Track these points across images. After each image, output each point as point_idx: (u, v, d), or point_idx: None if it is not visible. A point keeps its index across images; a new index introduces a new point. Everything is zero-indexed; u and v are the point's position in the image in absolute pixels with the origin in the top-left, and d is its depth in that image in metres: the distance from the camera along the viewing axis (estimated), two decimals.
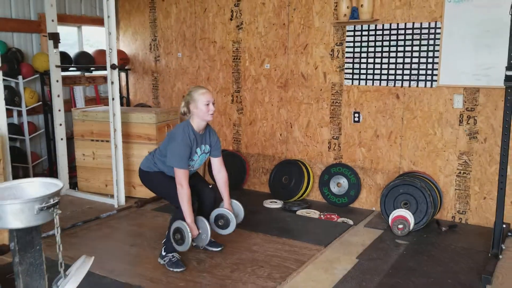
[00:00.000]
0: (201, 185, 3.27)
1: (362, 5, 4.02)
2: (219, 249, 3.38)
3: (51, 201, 1.63)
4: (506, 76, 3.06)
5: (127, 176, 4.55)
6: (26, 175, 4.87)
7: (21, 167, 4.84)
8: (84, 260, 1.75)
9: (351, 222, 4.02)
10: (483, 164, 3.83)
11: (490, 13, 3.61)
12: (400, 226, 3.73)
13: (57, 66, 4.69)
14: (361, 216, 4.20)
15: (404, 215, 3.76)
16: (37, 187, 1.78)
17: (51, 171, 5.07)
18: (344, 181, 4.41)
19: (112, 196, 4.45)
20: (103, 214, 4.11)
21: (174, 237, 3.01)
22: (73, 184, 4.95)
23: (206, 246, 3.37)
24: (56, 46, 4.66)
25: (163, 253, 3.13)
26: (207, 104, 3.00)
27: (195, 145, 3.06)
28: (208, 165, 5.03)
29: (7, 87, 4.56)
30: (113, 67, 4.27)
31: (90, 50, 5.53)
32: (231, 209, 3.30)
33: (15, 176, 4.31)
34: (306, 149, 4.64)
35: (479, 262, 3.22)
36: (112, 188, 4.46)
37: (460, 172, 3.94)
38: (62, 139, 4.80)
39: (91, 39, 6.04)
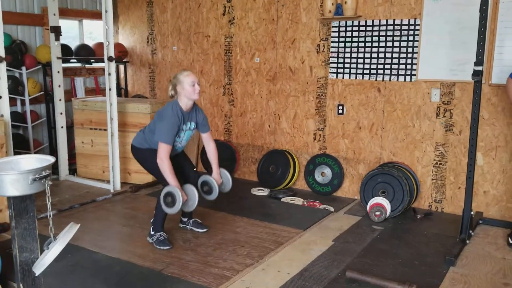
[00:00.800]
0: (187, 169, 3.50)
1: (346, 2, 4.23)
2: (204, 230, 3.62)
3: (43, 173, 1.87)
4: (474, 71, 3.27)
5: (123, 163, 4.80)
6: None
7: (23, 153, 5.09)
8: (71, 226, 1.98)
9: (332, 209, 4.24)
10: (458, 155, 4.04)
11: (466, 11, 3.81)
12: (377, 213, 3.95)
13: (58, 58, 4.94)
14: (343, 203, 4.42)
15: (381, 203, 3.98)
16: (32, 161, 2.02)
17: None
18: (328, 171, 4.64)
19: (108, 181, 4.70)
20: (99, 197, 4.36)
21: (165, 200, 3.20)
22: (73, 170, 5.20)
23: (192, 227, 3.62)
24: (57, 39, 4.91)
25: (152, 232, 3.37)
26: (193, 85, 3.25)
27: (182, 122, 3.29)
28: (202, 153, 5.27)
29: (11, 77, 4.81)
30: (110, 59, 4.51)
31: (92, 42, 5.77)
32: (219, 178, 3.53)
33: None
34: (293, 140, 4.86)
35: (448, 246, 3.43)
36: (108, 174, 4.70)
37: (436, 163, 4.15)
38: (62, 127, 5.05)
39: (94, 32, 6.28)
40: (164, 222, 3.37)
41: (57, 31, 4.89)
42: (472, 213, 3.52)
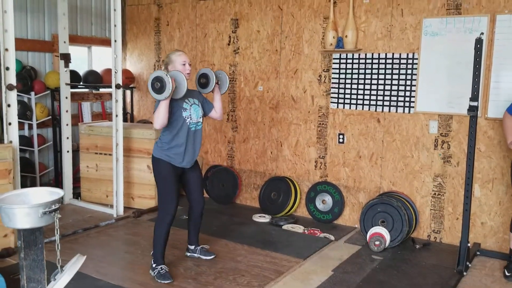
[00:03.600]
0: (195, 195, 3.56)
1: (346, 36, 4.37)
2: (212, 257, 3.66)
3: (53, 207, 1.96)
4: (470, 106, 3.37)
5: (127, 187, 4.89)
6: (33, 184, 5.22)
7: (29, 176, 5.19)
8: (78, 258, 2.06)
9: (332, 237, 4.29)
10: (456, 187, 4.11)
11: (462, 47, 3.93)
12: (377, 243, 4.00)
13: (67, 84, 5.08)
14: (343, 232, 4.47)
15: (380, 232, 4.04)
16: (41, 194, 2.11)
17: (57, 181, 5.42)
18: (328, 199, 4.70)
19: (111, 206, 4.78)
20: (102, 222, 4.44)
21: (154, 86, 3.13)
22: (77, 194, 5.28)
23: (200, 255, 3.66)
24: (66, 66, 5.06)
25: (153, 265, 3.39)
26: (184, 64, 3.33)
27: (178, 100, 3.30)
28: None
29: (20, 102, 4.94)
30: (117, 86, 4.64)
31: (100, 67, 5.93)
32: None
33: (23, 185, 4.64)
34: (295, 167, 4.95)
35: (445, 278, 3.48)
36: (112, 198, 4.79)
37: (435, 194, 4.22)
38: (68, 151, 5.16)
39: (103, 58, 6.43)
40: (164, 253, 3.39)
41: (66, 58, 5.05)
42: (469, 244, 3.57)
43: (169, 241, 3.44)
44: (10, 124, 3.80)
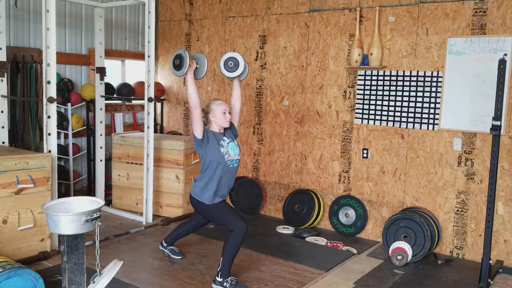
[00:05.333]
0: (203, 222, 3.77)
1: (371, 53, 4.47)
2: (179, 257, 3.92)
3: (94, 215, 2.14)
4: (493, 125, 3.42)
5: (156, 196, 5.08)
6: (67, 191, 5.48)
7: (63, 183, 5.46)
8: (115, 263, 2.23)
9: (354, 251, 4.37)
10: (479, 204, 4.13)
11: (486, 66, 3.98)
12: (399, 257, 4.06)
13: (101, 96, 5.34)
14: (366, 246, 4.54)
15: (403, 247, 4.09)
16: (84, 203, 2.29)
17: (89, 189, 5.67)
18: (352, 212, 4.78)
19: (141, 214, 4.97)
20: (132, 229, 4.63)
21: (174, 63, 3.50)
22: (108, 201, 5.51)
23: (170, 254, 3.93)
24: (102, 79, 5.32)
25: (220, 279, 3.37)
26: (224, 113, 3.50)
27: (215, 138, 3.50)
28: None
29: (58, 113, 5.19)
30: (150, 100, 4.86)
31: (132, 80, 6.19)
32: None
33: (58, 192, 4.88)
34: (319, 180, 5.05)
35: None
36: (141, 206, 4.98)
37: (458, 210, 4.24)
38: (101, 160, 5.41)
39: (136, 71, 6.70)
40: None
41: (102, 72, 5.31)
42: (491, 261, 3.59)
43: (195, 249, 3.58)
44: (49, 134, 4.04)
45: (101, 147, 5.39)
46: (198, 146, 3.53)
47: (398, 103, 4.50)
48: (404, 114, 4.47)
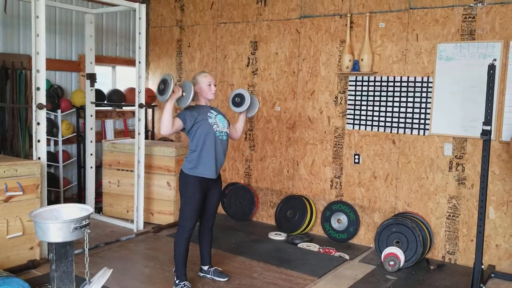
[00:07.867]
0: (212, 210, 3.64)
1: (362, 59, 4.49)
2: (225, 279, 3.69)
3: (83, 222, 2.11)
4: (483, 130, 3.44)
5: (147, 203, 5.04)
6: (57, 199, 5.42)
7: (53, 191, 5.39)
8: (105, 270, 2.19)
9: (347, 256, 4.35)
10: (471, 209, 4.15)
11: (476, 71, 4.01)
12: (391, 263, 4.05)
13: (92, 103, 5.30)
14: (358, 251, 4.53)
15: (395, 253, 4.08)
16: (72, 211, 2.26)
17: (80, 196, 5.61)
18: (344, 218, 4.77)
19: (132, 221, 4.92)
20: (123, 237, 4.58)
21: (159, 87, 3.34)
22: (98, 209, 5.45)
23: (213, 276, 3.71)
24: (92, 85, 5.28)
25: (176, 281, 3.46)
26: (209, 85, 3.46)
27: (201, 113, 3.42)
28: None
29: (47, 119, 5.15)
30: (140, 106, 4.83)
31: (123, 86, 6.15)
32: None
33: (48, 199, 4.83)
34: (311, 186, 5.04)
35: None
36: (132, 214, 4.93)
37: (449, 215, 4.25)
38: (91, 167, 5.35)
39: (126, 77, 6.66)
40: (185, 270, 3.48)
41: (92, 78, 5.27)
42: (483, 266, 3.60)
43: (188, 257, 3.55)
44: (39, 141, 3.99)
45: (91, 154, 5.34)
46: (190, 132, 3.45)
47: (389, 109, 4.51)
48: (395, 120, 4.49)
